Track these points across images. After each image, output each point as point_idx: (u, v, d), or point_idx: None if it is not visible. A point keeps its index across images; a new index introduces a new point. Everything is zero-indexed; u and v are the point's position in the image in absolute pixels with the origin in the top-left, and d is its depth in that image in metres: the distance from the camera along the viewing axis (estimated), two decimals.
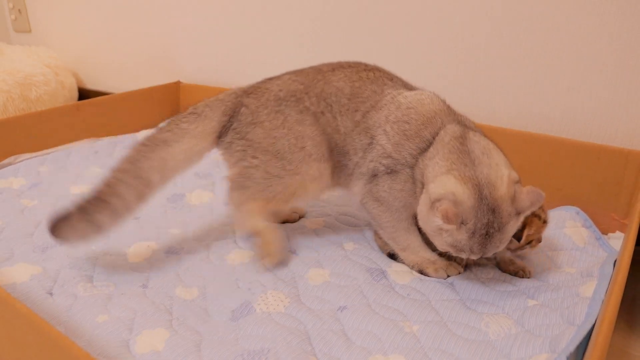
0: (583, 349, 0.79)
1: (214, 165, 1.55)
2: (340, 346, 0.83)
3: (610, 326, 0.63)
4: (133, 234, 1.18)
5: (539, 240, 0.99)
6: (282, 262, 1.05)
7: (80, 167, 1.60)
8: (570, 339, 0.76)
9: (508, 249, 0.98)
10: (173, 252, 1.11)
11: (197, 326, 0.88)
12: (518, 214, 0.87)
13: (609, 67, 1.20)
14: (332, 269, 1.03)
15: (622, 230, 1.17)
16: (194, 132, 1.06)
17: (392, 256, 1.09)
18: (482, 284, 1.00)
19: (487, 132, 1.31)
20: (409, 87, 1.08)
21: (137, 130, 1.85)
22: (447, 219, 0.83)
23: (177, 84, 1.93)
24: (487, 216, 0.84)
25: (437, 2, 1.38)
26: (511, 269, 1.03)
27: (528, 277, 1.02)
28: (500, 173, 0.87)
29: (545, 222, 0.97)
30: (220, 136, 1.08)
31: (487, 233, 0.84)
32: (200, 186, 1.44)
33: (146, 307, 0.92)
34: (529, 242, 0.97)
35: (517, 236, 0.95)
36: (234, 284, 0.99)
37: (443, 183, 0.88)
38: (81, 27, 2.34)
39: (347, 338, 0.85)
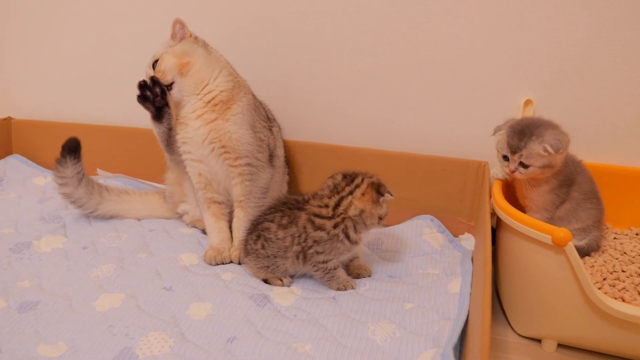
0: (460, 338, 0.87)
1: (62, 207, 1.40)
2: None
3: (489, 314, 0.70)
4: None
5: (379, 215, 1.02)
6: None
7: None
8: (451, 332, 0.83)
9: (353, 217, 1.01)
10: (27, 307, 0.97)
11: None
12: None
13: (447, 93, 1.36)
14: (213, 301, 1.00)
15: (469, 232, 1.32)
16: None
17: (267, 281, 1.10)
18: (360, 295, 1.04)
19: (346, 153, 1.41)
20: None
21: None
22: None
23: (8, 120, 1.71)
24: None
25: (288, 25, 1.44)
26: (355, 273, 1.13)
27: (369, 275, 1.13)
28: None
29: (381, 194, 1.00)
30: None
31: None
32: (49, 231, 1.29)
33: None
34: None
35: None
36: (108, 331, 0.90)
37: None
38: None
39: None
